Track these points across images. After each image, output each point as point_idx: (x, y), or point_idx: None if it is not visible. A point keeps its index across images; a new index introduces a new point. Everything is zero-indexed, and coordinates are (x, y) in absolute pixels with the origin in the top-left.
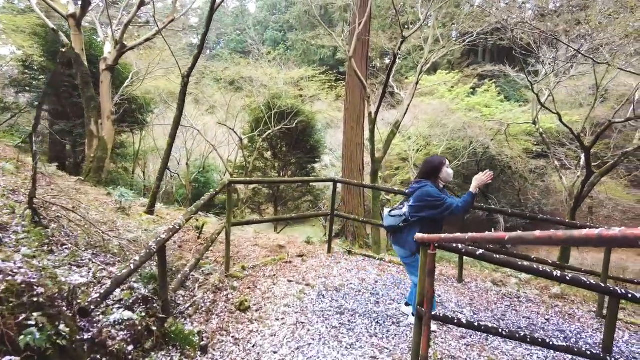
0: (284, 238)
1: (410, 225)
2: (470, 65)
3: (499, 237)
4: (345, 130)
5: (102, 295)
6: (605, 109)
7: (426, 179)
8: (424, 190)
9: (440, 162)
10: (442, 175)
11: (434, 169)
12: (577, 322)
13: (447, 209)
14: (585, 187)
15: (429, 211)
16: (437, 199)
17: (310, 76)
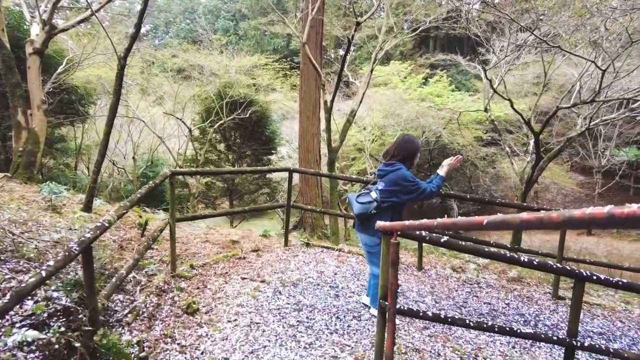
0: (237, 233)
1: (382, 211)
2: (423, 55)
3: (476, 221)
4: (301, 120)
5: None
6: (547, 97)
7: (400, 162)
8: (399, 173)
9: (417, 146)
10: (414, 160)
11: (413, 152)
12: (535, 305)
13: (422, 193)
14: (535, 172)
15: (404, 196)
16: (412, 183)
17: (263, 64)
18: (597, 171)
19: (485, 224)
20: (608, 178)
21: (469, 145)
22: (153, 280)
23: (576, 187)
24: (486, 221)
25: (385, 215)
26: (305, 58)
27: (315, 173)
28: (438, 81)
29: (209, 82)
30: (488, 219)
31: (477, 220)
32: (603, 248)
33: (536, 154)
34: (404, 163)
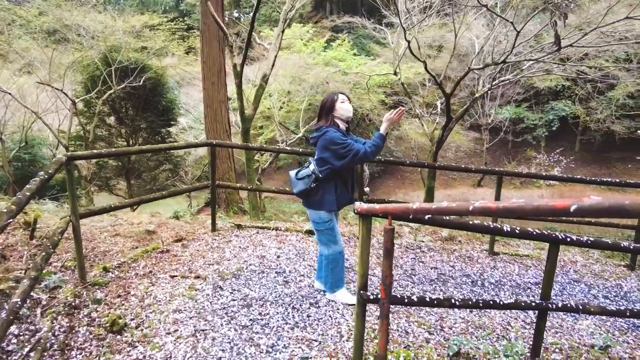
0: (150, 219)
1: (322, 183)
2: (324, 18)
3: (487, 207)
4: (206, 87)
5: None
6: (441, 61)
7: (325, 124)
8: (326, 137)
9: (331, 99)
10: (337, 113)
11: (327, 109)
12: (477, 264)
13: (356, 155)
14: (445, 132)
15: (336, 161)
16: (342, 145)
17: (156, 24)
18: (484, 128)
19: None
20: (493, 134)
21: (375, 109)
22: (58, 296)
23: (470, 144)
24: (496, 207)
25: (327, 186)
26: (206, 17)
27: (244, 146)
28: (340, 45)
29: (91, 46)
30: (500, 206)
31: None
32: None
33: (447, 114)
34: (328, 123)
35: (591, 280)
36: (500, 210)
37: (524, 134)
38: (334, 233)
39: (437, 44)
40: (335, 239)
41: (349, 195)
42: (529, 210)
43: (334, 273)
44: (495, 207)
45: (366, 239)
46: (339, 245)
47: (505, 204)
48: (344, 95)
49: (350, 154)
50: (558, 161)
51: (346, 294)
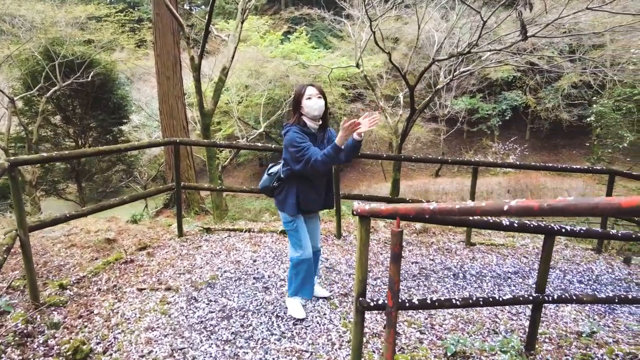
0: (108, 225)
1: (285, 183)
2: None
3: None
4: (160, 82)
5: None
6: (397, 54)
7: (292, 121)
8: (287, 136)
9: (297, 91)
10: (303, 110)
11: (295, 105)
12: (456, 256)
13: (307, 162)
14: (409, 124)
15: (295, 165)
16: (297, 149)
17: (103, 16)
18: (441, 119)
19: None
20: (450, 124)
21: (336, 102)
22: (5, 323)
23: (429, 135)
24: (507, 206)
25: (289, 188)
26: (158, 8)
27: (211, 143)
28: (298, 37)
29: (29, 39)
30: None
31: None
32: (456, 186)
33: (411, 106)
34: (298, 122)
35: (565, 265)
36: (545, 209)
37: (479, 124)
38: (299, 236)
39: (394, 36)
40: (301, 243)
41: (321, 198)
42: (585, 209)
43: (296, 279)
44: (537, 207)
45: (365, 242)
46: (305, 251)
47: (550, 202)
48: (312, 89)
49: (303, 159)
50: (513, 149)
51: (297, 307)
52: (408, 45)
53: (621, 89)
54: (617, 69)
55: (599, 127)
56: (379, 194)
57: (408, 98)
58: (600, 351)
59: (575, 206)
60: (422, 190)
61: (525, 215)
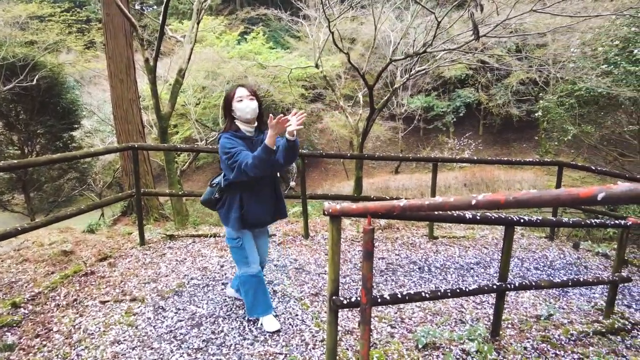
0: (63, 236)
1: (226, 195)
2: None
3: (494, 200)
4: (113, 85)
5: None
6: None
7: (226, 126)
8: (219, 144)
9: (227, 94)
10: (235, 114)
11: (225, 106)
12: (420, 249)
13: (239, 168)
14: (369, 123)
15: (230, 173)
16: (228, 154)
17: (46, 15)
18: (399, 118)
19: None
20: (407, 122)
21: (297, 103)
22: None
23: (388, 133)
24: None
25: (231, 200)
26: (108, 8)
27: (171, 147)
28: (255, 38)
29: None
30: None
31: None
32: (415, 182)
33: (370, 106)
34: (231, 127)
35: (522, 254)
36: (510, 202)
37: (434, 121)
38: (244, 253)
39: (351, 36)
40: (247, 260)
41: (270, 210)
42: (547, 200)
43: (248, 297)
44: (503, 199)
45: (337, 242)
46: (251, 268)
47: (516, 194)
48: (243, 90)
49: (235, 166)
50: (467, 144)
51: (267, 320)
52: (365, 45)
53: (563, 85)
54: (559, 66)
55: (545, 122)
56: (342, 192)
57: (367, 97)
58: (557, 332)
59: (539, 198)
60: (384, 187)
61: (493, 208)
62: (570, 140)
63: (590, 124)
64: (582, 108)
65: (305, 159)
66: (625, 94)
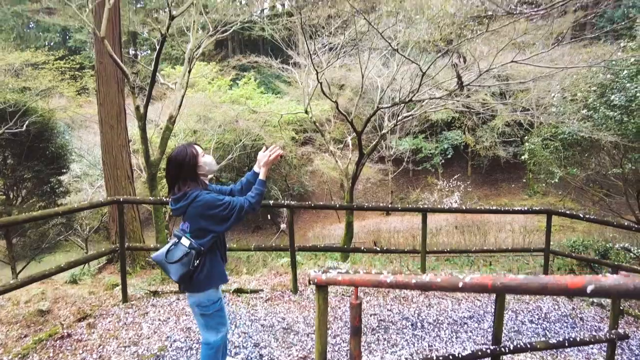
0: (41, 292)
1: (206, 256)
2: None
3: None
4: (104, 131)
5: None
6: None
7: (190, 186)
8: (198, 202)
9: (191, 154)
10: (202, 170)
11: (189, 168)
12: (413, 304)
13: (241, 211)
14: (358, 167)
15: (219, 226)
16: (222, 207)
17: (42, 62)
18: (388, 160)
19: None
20: (397, 164)
21: (287, 146)
22: None
23: (378, 175)
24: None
25: (212, 257)
26: (102, 56)
27: (156, 201)
28: (246, 83)
29: None
30: None
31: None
32: (406, 224)
33: (359, 151)
34: (193, 184)
35: (516, 305)
36: (497, 287)
37: (423, 163)
38: (223, 313)
39: (340, 82)
40: (225, 318)
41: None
42: (535, 289)
43: None
44: (490, 284)
45: (324, 312)
46: (225, 327)
47: (503, 280)
48: (198, 147)
49: (234, 213)
50: (457, 186)
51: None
52: (353, 91)
53: (547, 128)
54: (541, 110)
55: (532, 164)
56: (333, 234)
57: (356, 141)
58: None
59: (526, 285)
60: (375, 230)
61: (479, 292)
62: (557, 183)
63: (575, 166)
64: (567, 150)
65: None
66: (606, 137)
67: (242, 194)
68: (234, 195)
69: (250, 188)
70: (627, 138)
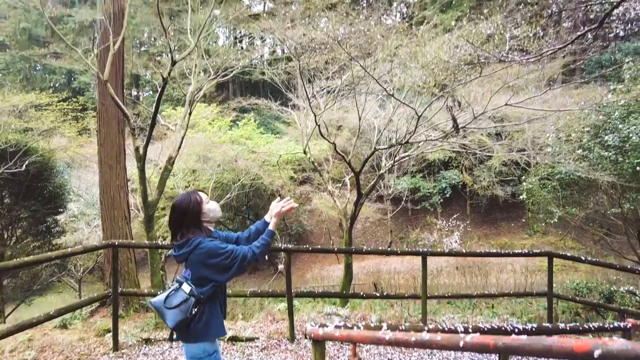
0: (30, 335)
1: (205, 305)
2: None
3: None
4: (103, 171)
5: None
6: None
7: (194, 233)
8: (201, 249)
9: (195, 201)
10: (206, 217)
11: (193, 215)
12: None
13: (244, 261)
14: (357, 208)
15: (221, 276)
16: (225, 255)
17: (45, 104)
18: (387, 199)
19: None
20: (395, 203)
21: (286, 185)
22: None
23: (377, 214)
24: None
25: (211, 308)
26: (104, 98)
27: (152, 245)
28: (246, 124)
29: None
30: None
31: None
32: (407, 265)
33: (357, 191)
34: (197, 232)
35: None
36: (499, 347)
37: (421, 202)
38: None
39: (338, 124)
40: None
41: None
42: (538, 351)
43: None
44: (492, 344)
45: None
46: None
47: (506, 340)
48: (203, 194)
49: (236, 262)
50: (456, 226)
51: None
52: (351, 131)
53: (543, 168)
54: (537, 150)
55: (530, 203)
56: (332, 276)
57: (354, 180)
58: None
59: (529, 346)
60: (375, 271)
61: (481, 352)
62: (557, 222)
63: (573, 205)
64: (565, 190)
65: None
66: (603, 177)
67: (249, 242)
68: (239, 244)
69: (258, 237)
70: (623, 178)
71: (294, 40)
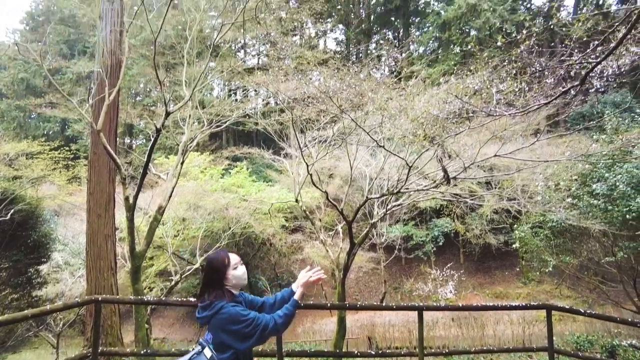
0: None
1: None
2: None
3: None
4: (91, 220)
5: None
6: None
7: (217, 296)
8: (222, 315)
9: (221, 263)
10: (229, 283)
11: (217, 278)
12: None
13: (265, 331)
14: (350, 257)
15: (241, 344)
16: (246, 323)
17: (36, 152)
18: (379, 247)
19: None
20: (388, 252)
21: (277, 234)
22: None
23: (370, 264)
24: None
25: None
26: (96, 147)
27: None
28: (238, 172)
29: None
30: None
31: None
32: (402, 317)
33: (350, 240)
34: (225, 296)
35: None
36: None
37: (415, 250)
38: None
39: (329, 172)
40: None
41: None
42: None
43: None
44: None
45: None
46: None
47: None
48: (235, 256)
49: (257, 331)
50: (450, 275)
51: None
52: (343, 179)
53: (535, 216)
54: (527, 199)
55: (523, 251)
56: (325, 330)
57: (347, 229)
58: None
59: None
60: (369, 324)
61: None
62: (551, 270)
63: (567, 253)
64: (557, 238)
65: None
66: (594, 225)
67: (273, 310)
68: (263, 309)
69: (282, 305)
70: (614, 226)
71: (287, 95)
